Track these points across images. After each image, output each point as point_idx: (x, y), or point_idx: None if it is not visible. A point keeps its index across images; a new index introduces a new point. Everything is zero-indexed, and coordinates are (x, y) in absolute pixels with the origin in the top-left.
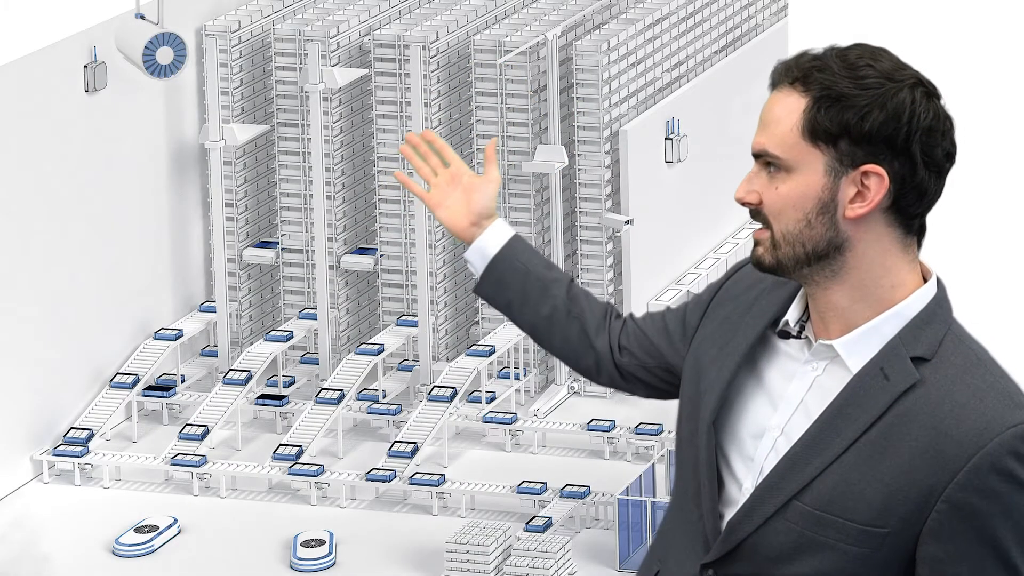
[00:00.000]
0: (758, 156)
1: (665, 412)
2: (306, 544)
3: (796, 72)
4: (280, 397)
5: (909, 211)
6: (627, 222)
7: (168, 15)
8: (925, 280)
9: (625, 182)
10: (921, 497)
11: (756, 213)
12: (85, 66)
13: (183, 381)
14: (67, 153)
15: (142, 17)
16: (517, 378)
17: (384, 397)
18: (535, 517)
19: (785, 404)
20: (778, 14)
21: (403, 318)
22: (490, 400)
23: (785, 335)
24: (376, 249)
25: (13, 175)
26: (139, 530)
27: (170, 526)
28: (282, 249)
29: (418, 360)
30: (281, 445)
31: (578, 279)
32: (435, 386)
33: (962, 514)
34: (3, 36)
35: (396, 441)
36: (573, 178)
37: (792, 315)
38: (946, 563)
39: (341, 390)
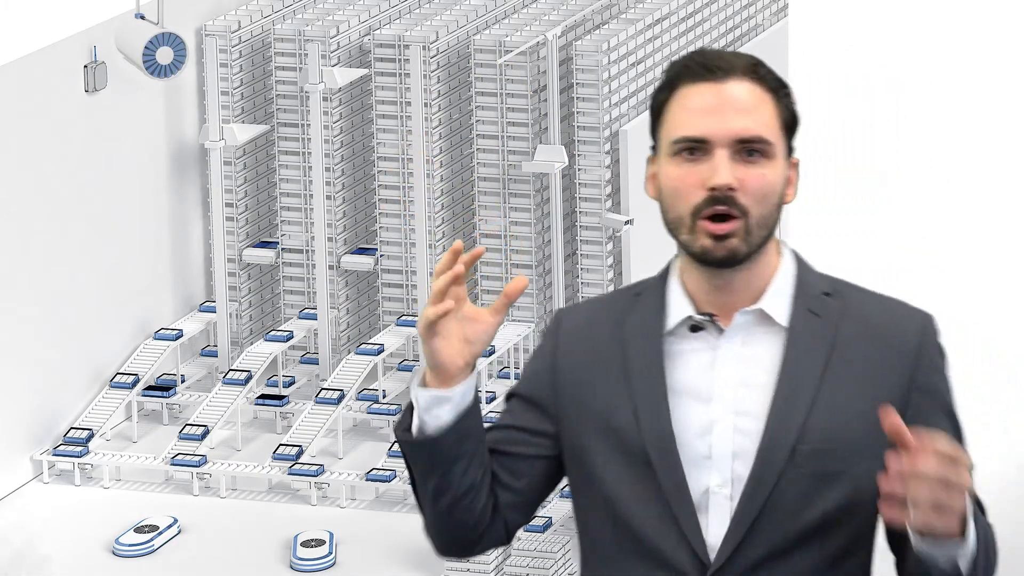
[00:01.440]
0: (745, 141)
1: None
2: (306, 544)
3: (742, 63)
4: (280, 397)
5: None
6: (627, 222)
7: (168, 15)
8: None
9: (625, 182)
10: (896, 395)
11: (729, 200)
12: (85, 66)
13: (183, 381)
14: (67, 153)
15: (142, 17)
16: (517, 378)
17: (384, 397)
18: (535, 517)
19: (720, 390)
20: (778, 14)
21: (403, 318)
22: (490, 400)
23: (696, 328)
24: (376, 249)
25: (13, 175)
26: (139, 530)
27: (170, 526)
28: (282, 249)
29: (418, 360)
30: (281, 445)
31: (578, 279)
32: None
33: (931, 395)
34: (3, 36)
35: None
36: (573, 178)
37: (690, 311)
38: None
39: (341, 390)
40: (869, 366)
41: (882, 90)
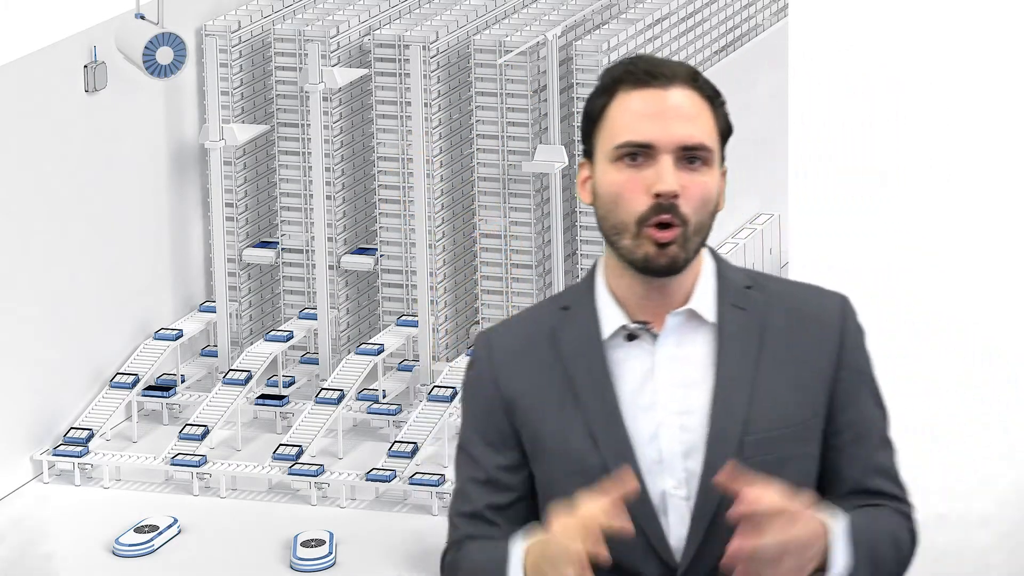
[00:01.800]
0: (688, 148)
1: None
2: (306, 544)
3: (683, 71)
4: (280, 397)
5: None
6: None
7: (168, 15)
8: None
9: None
10: (825, 376)
11: (672, 208)
12: (85, 66)
13: (183, 381)
14: (67, 153)
15: (142, 17)
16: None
17: (384, 397)
18: None
19: (662, 395)
20: (778, 14)
21: (403, 318)
22: None
23: (632, 337)
24: (376, 249)
25: (13, 175)
26: (139, 530)
27: (170, 526)
28: (282, 249)
29: (418, 360)
30: (281, 445)
31: (578, 279)
32: (435, 386)
33: (857, 372)
34: (3, 36)
35: (396, 441)
36: (573, 178)
37: (624, 320)
38: (859, 424)
39: (341, 390)
40: (798, 351)
41: (882, 90)
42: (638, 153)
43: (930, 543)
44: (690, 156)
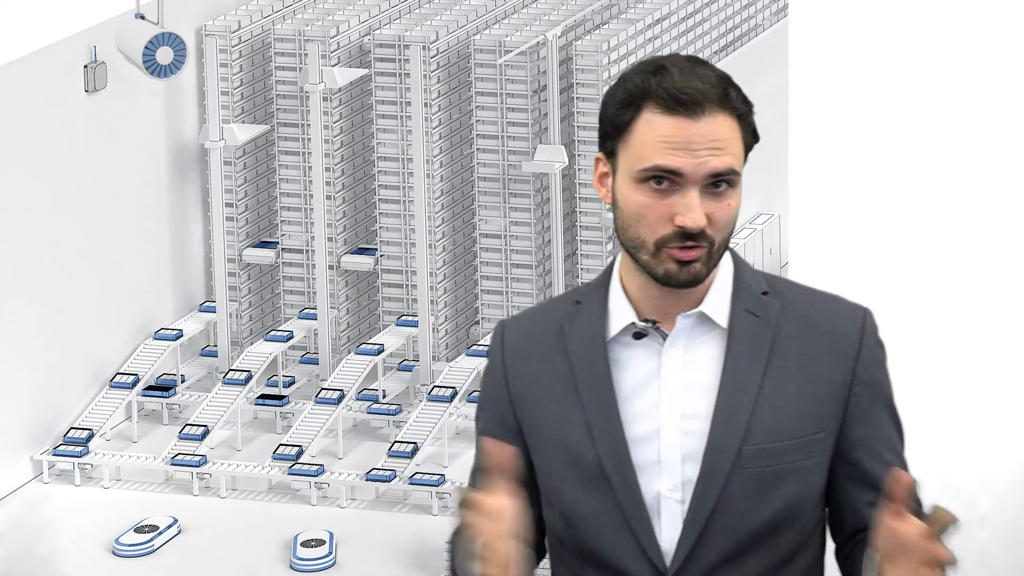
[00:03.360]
0: (719, 175)
1: None
2: (306, 544)
3: (714, 92)
4: (280, 397)
5: None
6: None
7: (168, 15)
8: None
9: None
10: (838, 390)
11: (698, 235)
12: (85, 66)
13: (183, 381)
14: (67, 153)
15: (142, 17)
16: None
17: (384, 397)
18: None
19: (667, 393)
20: (778, 14)
21: (403, 318)
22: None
23: (640, 335)
24: (376, 249)
25: (14, 175)
26: (139, 530)
27: (170, 526)
28: (282, 249)
29: (418, 360)
30: (281, 445)
31: (578, 279)
32: (435, 386)
33: (872, 388)
34: (3, 36)
35: (396, 441)
36: (573, 178)
37: (632, 317)
38: (874, 438)
39: (341, 390)
40: (810, 362)
41: (882, 90)
42: (664, 178)
43: None
44: (717, 181)
